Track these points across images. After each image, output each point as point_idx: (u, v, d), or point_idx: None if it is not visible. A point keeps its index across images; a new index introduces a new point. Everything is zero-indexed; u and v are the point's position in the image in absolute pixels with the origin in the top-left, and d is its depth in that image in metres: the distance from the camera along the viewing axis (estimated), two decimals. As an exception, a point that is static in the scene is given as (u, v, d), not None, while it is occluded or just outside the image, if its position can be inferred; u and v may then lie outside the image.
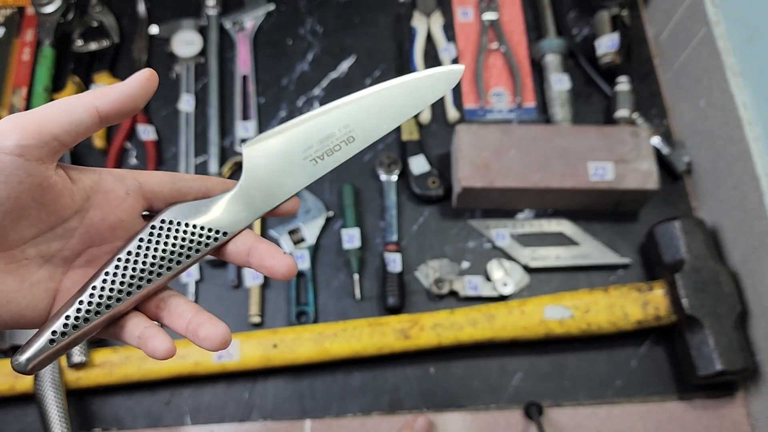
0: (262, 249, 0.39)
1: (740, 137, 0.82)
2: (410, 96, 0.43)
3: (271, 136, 0.41)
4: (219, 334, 0.36)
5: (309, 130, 0.42)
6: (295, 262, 0.39)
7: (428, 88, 0.43)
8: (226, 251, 0.40)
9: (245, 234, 0.40)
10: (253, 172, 0.41)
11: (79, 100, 0.35)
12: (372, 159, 0.96)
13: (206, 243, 0.39)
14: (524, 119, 1.00)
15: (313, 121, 0.42)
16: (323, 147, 0.42)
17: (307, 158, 0.42)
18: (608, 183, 0.86)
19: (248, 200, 0.40)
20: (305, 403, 0.83)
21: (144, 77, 0.36)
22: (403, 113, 0.43)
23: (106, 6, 1.06)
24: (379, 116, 0.43)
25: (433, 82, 0.43)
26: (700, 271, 0.80)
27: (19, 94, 0.99)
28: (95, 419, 0.82)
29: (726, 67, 0.85)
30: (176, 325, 0.38)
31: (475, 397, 0.83)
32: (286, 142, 0.41)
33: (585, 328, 0.81)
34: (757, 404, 0.81)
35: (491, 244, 0.91)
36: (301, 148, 0.42)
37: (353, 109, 0.42)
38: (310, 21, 1.06)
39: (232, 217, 0.40)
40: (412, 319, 0.81)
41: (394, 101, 0.43)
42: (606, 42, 0.98)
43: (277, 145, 0.41)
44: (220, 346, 0.36)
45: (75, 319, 0.35)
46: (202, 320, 0.37)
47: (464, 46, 1.04)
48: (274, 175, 0.41)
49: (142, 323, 0.38)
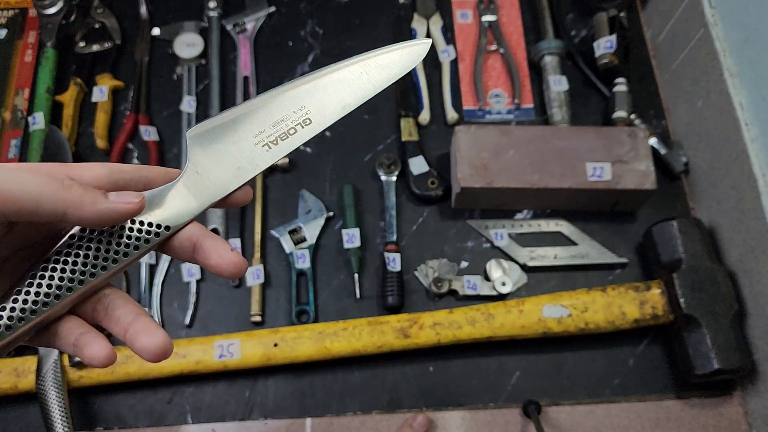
0: (208, 245, 0.36)
1: (737, 138, 0.82)
2: (372, 73, 0.40)
3: (218, 121, 0.38)
4: (157, 345, 0.33)
5: (260, 114, 0.38)
6: (244, 260, 0.37)
7: (392, 65, 0.40)
8: (171, 247, 0.37)
9: (191, 228, 0.37)
10: (198, 161, 0.38)
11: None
12: (372, 159, 0.97)
13: (146, 239, 0.36)
14: (523, 120, 1.00)
15: (265, 104, 0.39)
16: (277, 131, 0.39)
17: (259, 143, 0.38)
18: (606, 183, 0.87)
19: (193, 191, 0.37)
20: (306, 401, 0.83)
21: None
22: (365, 92, 0.40)
23: (108, 8, 1.07)
24: (338, 96, 0.40)
25: (398, 57, 0.40)
26: (698, 271, 0.81)
27: (22, 95, 0.99)
28: (97, 418, 0.83)
29: (723, 68, 0.85)
30: (114, 331, 0.35)
31: (474, 396, 0.83)
32: (235, 127, 0.38)
33: (583, 327, 0.81)
34: (754, 403, 0.81)
35: (490, 244, 0.91)
36: (252, 132, 0.38)
37: (309, 89, 0.39)
38: (310, 23, 1.07)
39: (174, 210, 0.37)
40: (412, 318, 0.82)
41: (354, 80, 0.40)
42: (604, 43, 0.98)
43: (226, 131, 0.38)
44: (158, 357, 0.33)
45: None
46: (138, 329, 0.34)
47: (463, 48, 1.05)
48: (222, 162, 0.38)
49: (77, 329, 0.34)
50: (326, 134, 0.99)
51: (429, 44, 0.41)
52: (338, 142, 0.99)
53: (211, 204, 0.38)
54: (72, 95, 1.00)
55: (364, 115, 1.01)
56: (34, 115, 0.96)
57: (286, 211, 0.94)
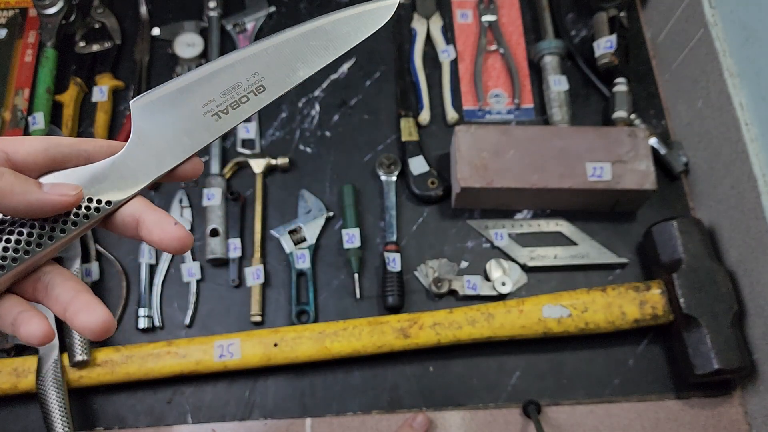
0: (151, 220, 0.35)
1: (737, 138, 0.82)
2: (329, 37, 0.38)
3: (165, 90, 0.37)
4: (97, 323, 0.32)
5: (210, 81, 0.37)
6: (188, 234, 0.35)
7: (352, 27, 0.38)
8: (113, 223, 0.36)
9: (134, 203, 0.36)
10: (143, 132, 0.36)
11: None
12: (372, 159, 0.97)
13: (85, 215, 0.34)
14: (523, 120, 1.00)
15: (214, 71, 0.37)
16: (227, 99, 0.37)
17: (209, 113, 0.36)
18: (606, 183, 0.87)
19: (138, 164, 0.35)
20: (306, 401, 0.83)
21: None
22: (322, 56, 0.38)
23: (108, 8, 1.07)
24: (293, 61, 0.37)
25: (357, 20, 0.38)
26: (698, 271, 0.81)
27: (22, 95, 0.99)
28: (97, 418, 0.83)
29: (723, 68, 0.85)
30: (55, 310, 0.34)
31: (474, 396, 0.83)
32: (182, 96, 0.36)
33: (583, 327, 0.81)
34: (754, 403, 0.81)
35: (490, 244, 0.91)
36: (201, 101, 0.36)
37: (262, 54, 0.37)
38: (310, 23, 1.07)
39: (116, 183, 0.35)
40: (412, 318, 0.82)
41: (309, 44, 0.38)
42: (604, 43, 0.98)
43: (172, 100, 0.36)
44: (99, 335, 0.32)
45: None
46: (78, 306, 0.33)
47: (463, 48, 1.05)
48: (168, 133, 0.36)
49: (16, 307, 0.33)
50: (326, 134, 0.99)
51: (394, 5, 0.39)
52: (338, 142, 0.99)
53: (156, 177, 0.36)
54: (72, 95, 1.00)
55: (364, 115, 1.01)
56: (34, 115, 0.96)
57: (286, 211, 0.94)
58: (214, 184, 0.93)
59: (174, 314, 0.88)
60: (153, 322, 0.87)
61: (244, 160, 0.96)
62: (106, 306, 0.33)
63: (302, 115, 1.01)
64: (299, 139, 0.99)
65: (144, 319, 0.86)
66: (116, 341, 0.86)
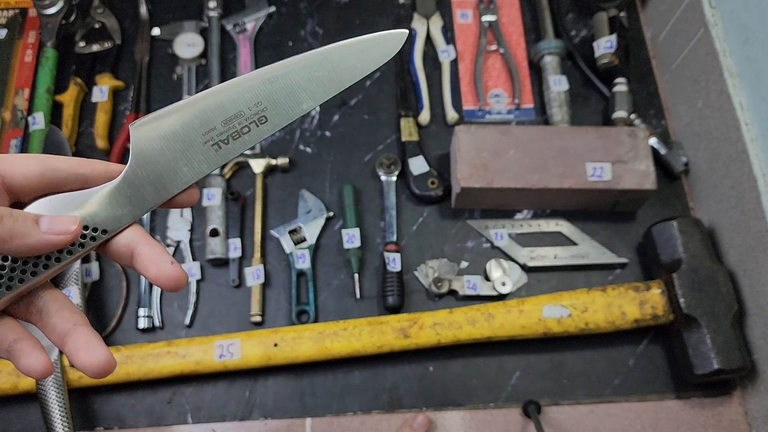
0: (147, 254, 0.34)
1: (737, 138, 0.82)
2: (334, 68, 0.36)
3: (165, 116, 0.35)
4: (99, 364, 0.32)
5: (211, 109, 0.35)
6: (183, 274, 0.34)
7: (359, 58, 0.36)
8: (107, 250, 0.35)
9: (131, 231, 0.35)
10: (142, 159, 0.34)
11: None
12: (372, 159, 0.97)
13: (81, 243, 0.34)
14: (523, 120, 1.00)
15: (216, 98, 0.35)
16: (228, 129, 0.35)
17: (209, 142, 0.35)
18: (606, 183, 0.87)
19: (135, 191, 0.34)
20: (306, 401, 0.83)
21: None
22: (326, 88, 0.37)
23: (107, 8, 1.07)
24: (298, 92, 0.36)
25: (365, 50, 0.36)
26: (698, 271, 0.81)
27: (22, 95, 0.99)
28: (97, 418, 0.83)
29: (723, 68, 0.85)
30: (52, 339, 0.33)
31: (474, 396, 0.83)
32: (183, 123, 0.35)
33: (583, 327, 0.81)
34: (754, 403, 0.81)
35: (490, 244, 0.91)
36: (202, 129, 0.35)
37: (266, 83, 0.36)
38: (310, 23, 1.07)
39: (113, 211, 0.34)
40: (412, 318, 0.82)
41: (317, 74, 0.36)
42: (604, 43, 0.98)
43: (173, 126, 0.35)
44: (100, 375, 0.32)
45: None
46: (79, 344, 0.32)
47: (463, 48, 1.05)
48: (167, 161, 0.35)
49: (11, 333, 0.33)
50: (326, 134, 0.99)
51: (404, 35, 0.37)
52: (338, 142, 0.99)
53: (152, 207, 0.35)
54: (72, 95, 1.00)
55: (364, 115, 1.01)
56: (34, 115, 0.96)
57: (286, 211, 0.94)
58: (214, 184, 0.93)
59: (174, 314, 0.88)
60: (153, 322, 0.87)
61: (244, 160, 0.96)
62: (106, 308, 0.33)
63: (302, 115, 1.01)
64: (299, 139, 0.99)
65: (144, 319, 0.86)
66: (116, 341, 0.86)
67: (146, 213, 0.35)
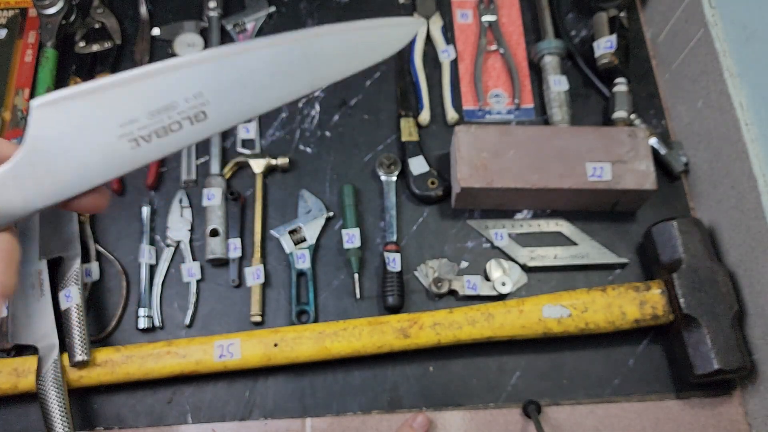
0: None
1: (737, 138, 0.82)
2: (317, 61, 0.27)
3: (77, 96, 0.28)
4: None
5: (136, 95, 0.27)
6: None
7: (352, 53, 0.26)
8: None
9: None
10: (40, 146, 0.27)
11: None
12: (372, 159, 0.97)
13: None
14: (523, 120, 1.00)
15: (145, 82, 0.27)
16: (154, 123, 0.27)
17: (126, 136, 0.27)
18: (606, 183, 0.87)
19: (26, 183, 0.27)
20: (306, 401, 0.83)
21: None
22: (306, 84, 0.27)
23: (107, 8, 1.07)
24: (254, 86, 0.26)
25: (363, 42, 0.25)
26: (698, 271, 0.81)
27: (22, 95, 0.99)
28: (97, 418, 0.83)
29: (723, 68, 0.85)
30: None
31: (474, 396, 0.83)
32: (97, 109, 0.27)
33: (583, 327, 0.81)
34: (754, 403, 0.81)
35: (490, 244, 0.91)
36: (119, 120, 0.27)
37: (213, 70, 0.26)
38: (310, 23, 1.07)
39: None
40: (412, 318, 0.82)
41: (290, 66, 0.27)
42: (604, 43, 0.98)
43: (84, 111, 0.28)
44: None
45: None
46: None
47: (463, 48, 1.05)
48: (70, 152, 0.27)
49: None
50: (326, 134, 0.99)
51: (419, 25, 0.27)
52: (338, 142, 0.99)
53: (45, 206, 0.28)
54: (72, 95, 1.00)
55: (364, 115, 1.01)
56: (34, 115, 0.96)
57: (286, 211, 0.94)
58: (214, 184, 0.93)
59: (174, 314, 0.88)
60: (153, 322, 0.87)
61: (244, 160, 0.96)
62: (106, 308, 0.32)
63: (302, 115, 1.01)
64: (299, 139, 0.99)
65: (144, 319, 0.86)
66: (116, 341, 0.86)
67: (37, 211, 0.28)
